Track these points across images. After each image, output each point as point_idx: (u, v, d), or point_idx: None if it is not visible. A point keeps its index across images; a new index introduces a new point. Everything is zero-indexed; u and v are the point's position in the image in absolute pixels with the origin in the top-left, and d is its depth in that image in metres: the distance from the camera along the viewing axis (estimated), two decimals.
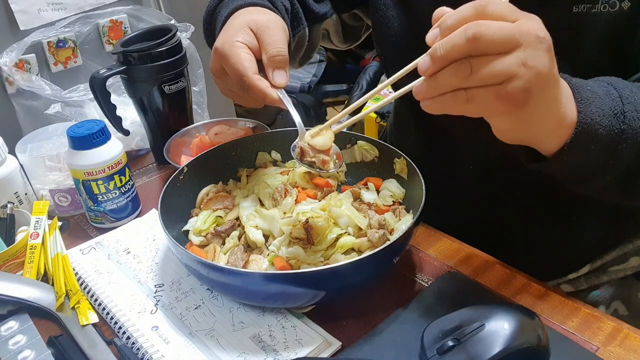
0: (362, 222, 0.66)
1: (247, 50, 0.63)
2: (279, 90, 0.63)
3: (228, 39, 0.63)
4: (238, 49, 0.62)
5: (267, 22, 0.65)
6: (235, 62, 0.61)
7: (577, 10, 0.61)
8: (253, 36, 0.64)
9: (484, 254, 0.69)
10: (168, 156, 0.83)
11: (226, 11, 0.70)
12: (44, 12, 1.24)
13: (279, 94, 0.63)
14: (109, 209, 0.78)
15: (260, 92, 0.61)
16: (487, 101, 0.46)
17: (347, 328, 0.60)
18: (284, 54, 0.63)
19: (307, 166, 0.64)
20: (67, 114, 1.03)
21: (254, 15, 0.67)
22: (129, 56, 0.83)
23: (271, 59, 0.63)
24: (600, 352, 0.55)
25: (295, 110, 0.64)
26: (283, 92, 0.64)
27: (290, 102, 0.64)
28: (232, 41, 0.63)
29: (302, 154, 0.64)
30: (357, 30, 0.95)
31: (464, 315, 0.52)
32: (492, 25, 0.44)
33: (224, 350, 0.58)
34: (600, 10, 0.60)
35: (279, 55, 0.63)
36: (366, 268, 0.57)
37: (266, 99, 0.62)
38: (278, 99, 0.63)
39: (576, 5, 0.61)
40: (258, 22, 0.65)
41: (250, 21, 0.65)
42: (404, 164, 0.71)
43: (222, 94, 0.68)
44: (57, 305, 0.64)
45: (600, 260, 0.78)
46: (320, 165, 0.63)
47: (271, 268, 0.63)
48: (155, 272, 0.69)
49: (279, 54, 0.63)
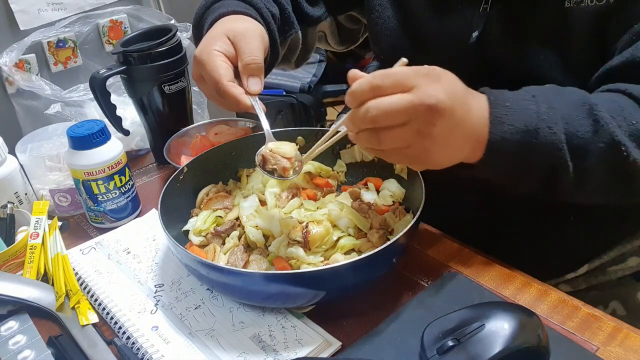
0: (364, 225, 0.66)
1: (223, 58, 0.65)
2: (252, 98, 0.65)
3: (206, 47, 0.66)
4: (214, 57, 0.64)
5: (244, 31, 0.67)
6: (212, 70, 0.64)
7: (568, 5, 0.63)
8: (230, 44, 0.66)
9: (484, 254, 0.69)
10: (168, 156, 0.83)
11: (210, 19, 0.73)
12: (44, 12, 1.24)
13: (251, 101, 0.65)
14: (109, 209, 0.78)
15: (234, 99, 0.63)
16: (398, 158, 0.59)
17: (347, 328, 0.60)
18: (259, 62, 0.65)
19: (268, 173, 0.65)
20: (67, 114, 1.03)
21: (232, 24, 0.69)
22: (129, 56, 0.83)
23: (246, 67, 0.65)
24: (600, 352, 0.55)
25: (265, 118, 0.66)
26: (256, 99, 0.66)
27: (262, 110, 0.66)
28: (209, 49, 0.65)
29: (264, 161, 0.65)
30: (355, 32, 0.95)
31: (464, 315, 0.52)
32: (385, 104, 0.50)
33: (224, 350, 0.58)
34: (588, 4, 0.62)
35: (253, 63, 0.65)
36: (366, 268, 0.57)
37: (240, 106, 0.64)
38: (250, 105, 0.65)
39: (568, 0, 0.63)
40: (235, 31, 0.67)
41: (228, 30, 0.67)
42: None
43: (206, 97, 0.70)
44: (57, 305, 0.64)
45: (598, 261, 0.78)
46: (280, 172, 0.64)
47: (271, 268, 0.63)
48: (155, 272, 0.69)
49: (253, 62, 0.65)
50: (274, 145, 0.65)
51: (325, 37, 0.92)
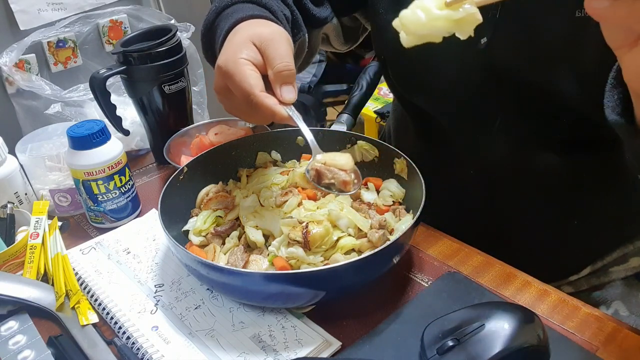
0: (364, 225, 0.66)
1: (252, 67, 0.60)
2: (288, 107, 0.61)
3: (231, 55, 0.61)
4: (243, 67, 0.59)
5: (271, 35, 0.62)
6: (241, 81, 0.59)
7: (579, 14, 0.60)
8: (257, 51, 0.61)
9: (484, 254, 0.69)
10: (168, 156, 0.83)
11: (226, 25, 0.67)
12: (44, 12, 1.24)
13: (288, 111, 0.60)
14: (109, 209, 0.78)
15: (269, 111, 0.59)
16: None
17: (347, 328, 0.60)
18: (291, 68, 0.61)
19: (325, 188, 0.61)
20: (67, 114, 1.03)
21: (257, 29, 0.64)
22: (129, 56, 0.83)
23: (278, 75, 0.60)
24: (600, 352, 0.55)
25: (307, 128, 0.62)
26: (292, 109, 0.61)
27: (301, 119, 0.61)
28: (235, 58, 0.60)
29: (319, 176, 0.61)
30: (356, 30, 0.94)
31: (464, 315, 0.52)
32: None
33: (224, 350, 0.58)
34: None
35: (285, 69, 0.60)
36: (366, 268, 0.57)
37: (275, 117, 0.60)
38: (288, 116, 0.60)
39: (579, 10, 0.60)
40: (262, 36, 0.62)
41: (253, 35, 0.62)
42: (404, 164, 0.71)
43: (227, 112, 0.66)
44: (57, 305, 0.64)
45: (601, 262, 0.78)
46: (340, 186, 0.60)
47: (271, 268, 0.63)
48: (155, 272, 0.69)
49: (286, 68, 0.60)
50: (328, 158, 0.61)
51: (328, 39, 0.91)
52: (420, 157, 0.70)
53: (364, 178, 0.77)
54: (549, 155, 0.71)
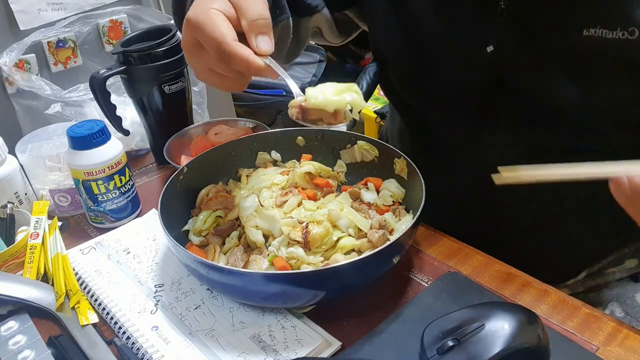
0: (364, 225, 0.66)
1: (223, 17, 0.55)
2: (266, 58, 0.55)
3: (202, 7, 0.56)
4: (214, 16, 0.54)
5: None
6: (212, 30, 0.53)
7: (587, 34, 0.59)
8: (230, 5, 0.56)
9: (484, 254, 0.69)
10: (168, 156, 0.83)
11: None
12: (44, 12, 1.24)
13: (266, 62, 0.55)
14: (109, 209, 0.78)
15: (244, 61, 0.53)
16: None
17: (347, 328, 0.60)
18: (267, 17, 0.56)
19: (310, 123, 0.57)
20: (67, 114, 1.03)
21: None
22: (129, 56, 0.83)
23: (253, 24, 0.55)
24: (600, 352, 0.55)
25: (288, 75, 0.57)
26: (270, 59, 0.55)
27: (280, 67, 0.56)
28: (206, 9, 0.55)
29: (304, 112, 0.57)
30: (349, 24, 0.93)
31: (464, 315, 0.52)
32: None
33: (224, 350, 0.58)
34: (619, 37, 0.58)
35: (260, 18, 0.55)
36: (366, 268, 0.57)
37: (250, 69, 0.54)
38: (265, 66, 0.55)
39: (587, 29, 0.59)
40: None
41: None
42: (404, 164, 0.71)
43: (199, 78, 0.60)
44: (57, 305, 0.64)
45: (597, 265, 0.78)
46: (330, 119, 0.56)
47: (271, 268, 0.63)
48: (155, 272, 0.69)
49: (261, 17, 0.55)
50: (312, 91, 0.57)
51: (321, 32, 0.90)
52: (418, 161, 0.69)
53: (364, 178, 0.77)
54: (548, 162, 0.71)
